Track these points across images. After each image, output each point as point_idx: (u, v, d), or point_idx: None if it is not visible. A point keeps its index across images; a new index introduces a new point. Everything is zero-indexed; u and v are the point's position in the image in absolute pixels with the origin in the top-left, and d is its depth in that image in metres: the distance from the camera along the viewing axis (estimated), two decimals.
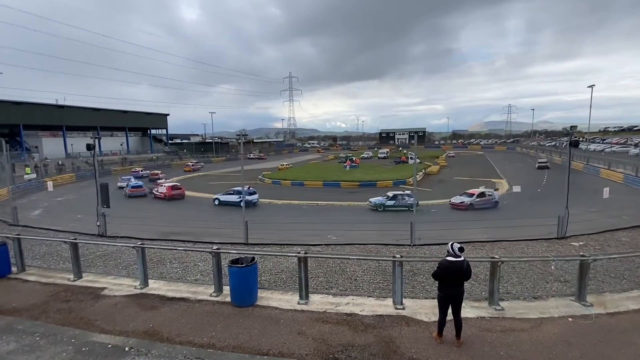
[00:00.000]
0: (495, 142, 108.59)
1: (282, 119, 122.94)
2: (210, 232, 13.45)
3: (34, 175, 32.96)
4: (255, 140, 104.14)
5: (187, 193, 28.06)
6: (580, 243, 9.93)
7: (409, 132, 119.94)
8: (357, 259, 7.71)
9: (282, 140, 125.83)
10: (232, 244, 10.36)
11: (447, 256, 4.51)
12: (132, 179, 30.35)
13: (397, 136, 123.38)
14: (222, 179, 37.50)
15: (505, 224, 13.97)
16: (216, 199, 22.83)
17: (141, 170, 34.87)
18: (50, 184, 21.99)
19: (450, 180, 33.28)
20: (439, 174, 39.19)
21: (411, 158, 49.01)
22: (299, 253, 5.99)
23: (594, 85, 42.20)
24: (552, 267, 7.48)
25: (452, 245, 4.52)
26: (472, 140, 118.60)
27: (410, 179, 30.56)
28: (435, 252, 9.24)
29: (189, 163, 55.01)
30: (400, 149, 78.96)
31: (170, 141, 72.93)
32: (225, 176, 40.32)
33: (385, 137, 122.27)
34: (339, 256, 7.83)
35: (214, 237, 12.19)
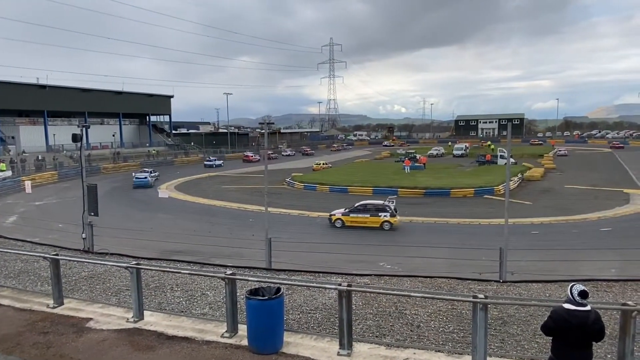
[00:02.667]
0: (630, 134, 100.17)
1: (320, 102, 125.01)
2: (223, 251, 13.93)
3: (9, 173, 36.08)
4: (283, 131, 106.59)
5: (192, 199, 29.42)
6: None
7: (500, 119, 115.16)
8: (422, 297, 7.49)
9: (318, 130, 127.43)
10: (250, 268, 10.57)
11: (564, 302, 4.20)
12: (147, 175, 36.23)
13: (481, 125, 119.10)
14: (238, 182, 38.78)
15: None
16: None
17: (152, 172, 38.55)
18: (28, 185, 24.02)
19: (560, 190, 31.27)
20: (544, 179, 37.06)
21: (501, 156, 46.90)
22: (339, 285, 5.93)
23: None
24: None
25: (571, 287, 4.19)
26: (594, 132, 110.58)
27: (500, 187, 29.25)
28: (535, 292, 8.72)
29: (248, 153, 57.95)
30: (487, 143, 75.72)
31: (174, 131, 76.04)
32: (243, 179, 41.59)
33: (464, 127, 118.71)
34: (395, 292, 7.64)
35: (228, 258, 12.60)
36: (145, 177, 35.66)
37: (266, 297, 5.91)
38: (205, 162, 54.03)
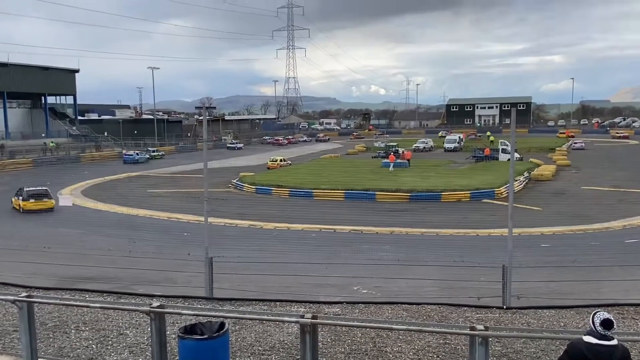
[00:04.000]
0: None
1: (276, 81, 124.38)
2: (148, 276, 13.64)
3: None
4: (228, 117, 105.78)
5: (106, 208, 28.65)
6: None
7: (502, 104, 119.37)
8: (406, 330, 7.59)
9: (274, 117, 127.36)
10: (185, 298, 10.39)
11: (585, 334, 4.32)
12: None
13: (478, 111, 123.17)
14: (169, 184, 38.07)
15: None
16: None
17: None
18: None
19: (576, 192, 32.74)
20: (555, 179, 38.69)
21: (503, 151, 48.57)
22: (302, 317, 5.91)
23: None
24: None
25: (594, 315, 4.31)
26: (617, 120, 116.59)
27: (502, 189, 30.25)
28: (547, 321, 9.05)
29: (279, 138, 57.61)
30: (484, 136, 78.20)
31: (81, 117, 74.51)
32: (176, 180, 40.91)
33: (458, 114, 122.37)
34: (373, 324, 7.69)
35: (155, 285, 12.32)
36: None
37: (206, 336, 5.82)
38: (125, 157, 53.28)
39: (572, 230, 22.04)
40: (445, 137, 74.49)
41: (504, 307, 9.83)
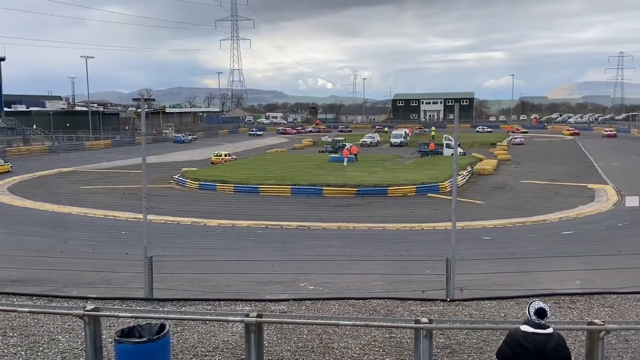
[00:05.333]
0: (595, 118, 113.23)
1: (220, 73, 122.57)
2: (82, 278, 13.13)
3: None
4: (169, 110, 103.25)
5: (35, 206, 27.42)
6: None
7: (446, 99, 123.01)
8: (353, 325, 7.71)
9: (218, 110, 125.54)
10: (122, 299, 10.10)
11: (523, 324, 4.52)
12: None
13: (423, 107, 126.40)
14: (105, 180, 36.79)
15: (612, 262, 14.41)
16: None
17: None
18: None
19: (516, 186, 34.30)
20: (496, 173, 40.34)
21: (447, 145, 50.12)
22: (247, 316, 5.95)
23: None
24: None
25: (529, 306, 4.52)
26: (554, 116, 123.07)
27: (446, 183, 31.21)
28: (489, 312, 9.43)
29: (280, 127, 65.79)
30: (430, 131, 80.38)
31: (6, 109, 71.36)
32: (112, 176, 39.59)
33: (404, 108, 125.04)
34: (319, 321, 7.77)
35: (90, 287, 11.95)
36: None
37: (145, 339, 5.72)
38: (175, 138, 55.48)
39: (512, 223, 23.05)
40: (391, 132, 75.81)
41: (448, 299, 10.15)
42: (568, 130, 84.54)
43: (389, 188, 31.03)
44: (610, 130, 73.30)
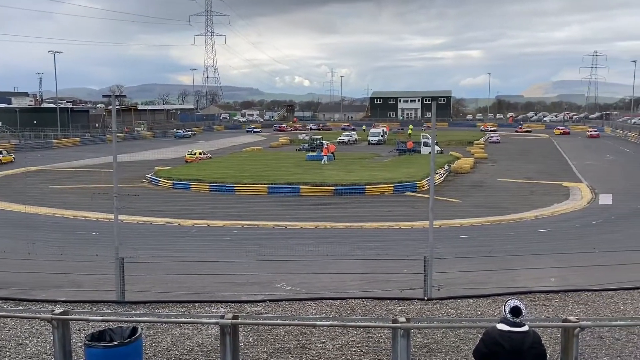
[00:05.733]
0: (570, 117, 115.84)
1: (194, 69, 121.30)
2: (50, 280, 12.88)
3: None
4: (141, 107, 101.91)
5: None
6: None
7: (424, 97, 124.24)
8: (330, 325, 7.73)
9: (192, 107, 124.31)
10: (93, 302, 9.96)
11: (499, 322, 4.59)
12: None
13: (401, 105, 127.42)
14: (75, 179, 36.13)
15: (586, 259, 14.77)
16: None
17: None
18: None
19: (492, 184, 34.82)
20: (473, 171, 40.92)
21: (425, 144, 50.62)
22: (222, 318, 5.91)
23: None
24: None
25: (505, 304, 4.60)
26: (530, 115, 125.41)
27: (424, 182, 31.51)
28: (466, 311, 9.55)
29: (276, 125, 73.10)
30: (409, 130, 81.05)
31: None
32: (81, 175, 38.92)
33: (381, 106, 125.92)
34: (296, 322, 7.77)
35: (59, 290, 11.75)
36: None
37: (116, 343, 5.66)
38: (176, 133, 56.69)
39: (489, 222, 23.40)
40: (369, 130, 76.11)
41: (425, 298, 10.25)
42: (559, 129, 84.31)
43: (367, 187, 31.20)
44: (593, 131, 73.87)
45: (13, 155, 46.73)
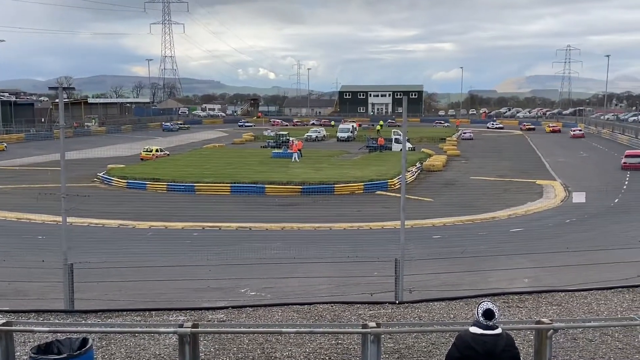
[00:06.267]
0: (544, 113, 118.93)
1: (150, 60, 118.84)
2: None
3: None
4: (92, 100, 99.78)
5: None
6: None
7: (395, 92, 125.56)
8: (297, 332, 7.74)
9: (148, 101, 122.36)
10: (39, 312, 9.69)
11: (471, 325, 4.68)
12: None
13: (371, 99, 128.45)
14: (19, 178, 35.18)
15: (560, 259, 15.20)
16: None
17: None
18: None
19: (465, 182, 35.46)
20: (446, 169, 41.59)
21: (396, 140, 51.14)
22: (181, 326, 5.86)
23: None
24: None
25: (478, 306, 4.68)
26: (503, 111, 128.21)
27: (395, 180, 31.83)
28: (438, 314, 9.70)
29: (272, 120, 69.95)
30: (378, 125, 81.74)
31: None
32: (26, 174, 37.89)
33: (351, 101, 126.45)
34: (261, 329, 7.74)
35: (2, 298, 11.46)
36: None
37: (64, 355, 5.56)
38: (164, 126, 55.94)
39: (462, 221, 23.85)
40: (338, 126, 76.35)
41: (397, 301, 10.36)
42: (550, 127, 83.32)
43: (336, 186, 31.30)
44: (577, 130, 73.80)
45: None
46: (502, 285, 12.30)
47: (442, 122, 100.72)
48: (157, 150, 47.11)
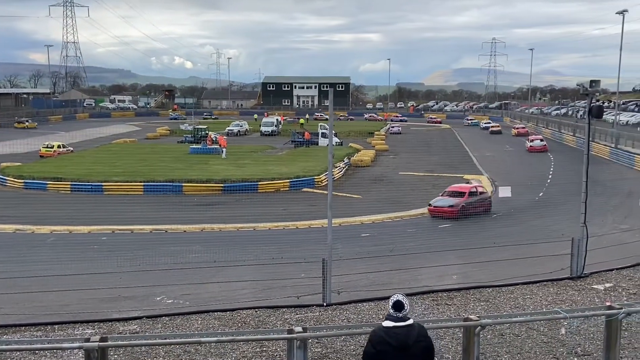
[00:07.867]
0: (471, 106, 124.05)
1: (50, 46, 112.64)
2: None
3: None
4: None
5: None
6: (607, 285, 11.84)
7: (321, 84, 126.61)
8: (217, 342, 7.66)
9: (49, 92, 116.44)
10: None
11: (384, 320, 4.85)
12: None
13: (296, 91, 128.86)
14: None
15: (487, 254, 15.94)
16: None
17: None
18: None
19: (394, 178, 36.44)
20: (374, 164, 42.50)
21: (324, 135, 51.69)
22: (87, 341, 5.70)
23: (626, 11, 48.40)
24: (563, 332, 8.66)
25: (389, 300, 4.87)
26: (431, 104, 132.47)
27: (322, 176, 32.16)
28: (367, 315, 9.91)
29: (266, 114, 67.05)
30: (302, 119, 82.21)
31: None
32: None
33: (275, 93, 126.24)
34: (178, 340, 7.61)
35: None
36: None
37: None
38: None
39: (391, 218, 24.50)
40: (261, 119, 76.00)
41: (325, 304, 10.50)
42: (516, 129, 70.31)
43: (260, 183, 31.29)
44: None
45: None
46: (431, 282, 12.74)
47: (374, 114, 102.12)
48: (59, 146, 45.05)
